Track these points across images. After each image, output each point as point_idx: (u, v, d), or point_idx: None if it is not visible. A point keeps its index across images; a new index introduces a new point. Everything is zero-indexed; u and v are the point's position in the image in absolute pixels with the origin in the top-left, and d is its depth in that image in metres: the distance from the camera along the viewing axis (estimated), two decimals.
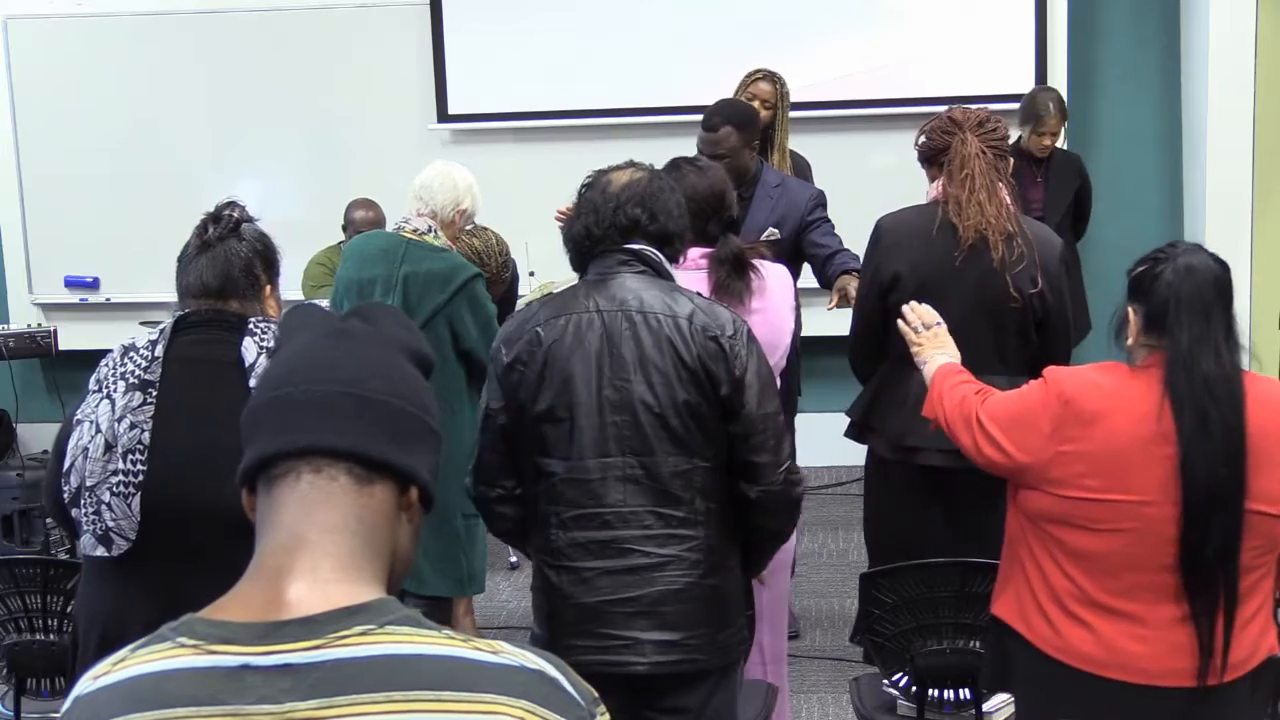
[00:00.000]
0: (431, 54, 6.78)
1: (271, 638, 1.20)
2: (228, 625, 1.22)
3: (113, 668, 1.26)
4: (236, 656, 1.19)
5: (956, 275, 3.41)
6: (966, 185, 3.39)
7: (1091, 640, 2.49)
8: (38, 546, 5.77)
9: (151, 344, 2.53)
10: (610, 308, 2.67)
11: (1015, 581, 2.63)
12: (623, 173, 2.79)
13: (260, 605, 1.23)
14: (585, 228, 2.75)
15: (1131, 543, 2.45)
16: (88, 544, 2.50)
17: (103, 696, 1.24)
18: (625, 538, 2.65)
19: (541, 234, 5.94)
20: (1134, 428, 2.45)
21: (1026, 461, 2.56)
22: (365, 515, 1.27)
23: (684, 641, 2.66)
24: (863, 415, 3.66)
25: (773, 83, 5.25)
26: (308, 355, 1.33)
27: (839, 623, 4.92)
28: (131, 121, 6.94)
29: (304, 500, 1.26)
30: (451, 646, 1.21)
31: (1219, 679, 2.45)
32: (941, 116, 3.52)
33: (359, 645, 1.19)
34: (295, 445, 1.27)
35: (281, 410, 1.29)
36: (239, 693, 1.18)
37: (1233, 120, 6.27)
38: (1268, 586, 2.55)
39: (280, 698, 1.18)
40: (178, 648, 1.22)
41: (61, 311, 7.09)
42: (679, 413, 2.63)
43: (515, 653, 1.23)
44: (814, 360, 6.01)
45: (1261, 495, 2.44)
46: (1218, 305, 2.48)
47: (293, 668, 1.18)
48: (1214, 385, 2.43)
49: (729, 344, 2.64)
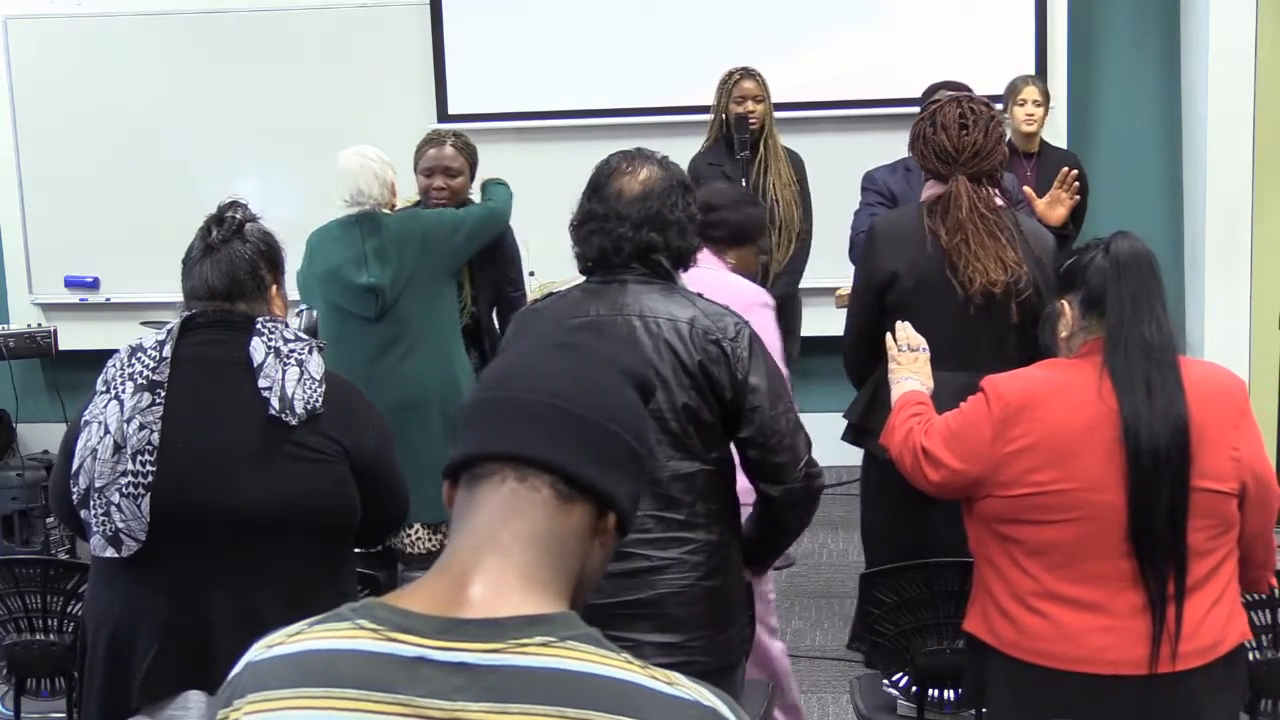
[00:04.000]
0: (431, 54, 6.78)
1: (451, 634, 1.20)
2: (409, 615, 1.22)
3: (288, 639, 1.25)
4: (414, 647, 1.19)
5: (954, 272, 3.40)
6: (960, 251, 3.38)
7: (1055, 633, 2.49)
8: (38, 546, 5.77)
9: (159, 344, 2.53)
10: (611, 312, 2.64)
11: (980, 596, 2.65)
12: (633, 179, 2.70)
13: (444, 599, 1.23)
14: (601, 251, 2.69)
15: (1085, 530, 2.47)
16: (97, 545, 2.50)
17: (274, 666, 1.24)
18: (626, 542, 2.64)
19: (542, 234, 5.94)
20: (1075, 411, 2.49)
21: (974, 471, 2.57)
22: (560, 530, 1.27)
23: (685, 644, 2.66)
24: (860, 418, 3.66)
25: (754, 78, 5.27)
26: (530, 363, 1.33)
27: (839, 623, 4.92)
28: (131, 121, 6.93)
29: (503, 505, 1.26)
30: (629, 671, 1.20)
31: (1173, 666, 2.45)
32: (939, 139, 3.44)
33: (538, 655, 1.18)
34: (504, 449, 1.27)
35: (495, 412, 1.29)
36: (411, 684, 1.18)
37: (1232, 121, 6.26)
38: (1230, 570, 2.55)
39: (452, 695, 1.17)
40: (357, 629, 1.22)
41: (61, 311, 7.08)
42: (678, 416, 2.63)
43: (691, 687, 1.22)
44: (812, 360, 6.01)
45: (1206, 473, 2.46)
46: (1153, 279, 2.54)
47: (469, 667, 1.18)
48: (1154, 350, 2.48)
49: (730, 347, 2.63)
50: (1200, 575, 2.48)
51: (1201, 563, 2.48)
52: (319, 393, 2.51)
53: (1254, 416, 2.58)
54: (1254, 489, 2.52)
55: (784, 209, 5.27)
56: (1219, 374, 2.63)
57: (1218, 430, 2.49)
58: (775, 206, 5.25)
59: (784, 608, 5.09)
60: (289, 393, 2.49)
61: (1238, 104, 6.26)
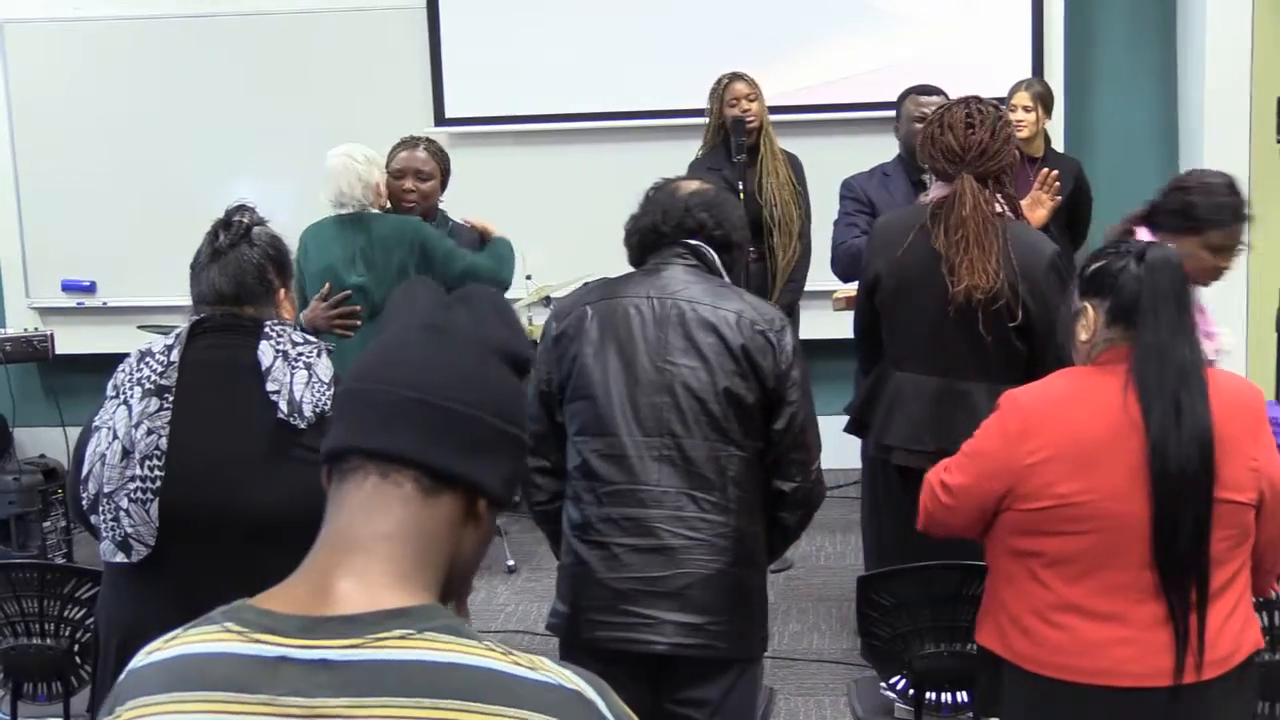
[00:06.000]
0: (429, 58, 6.78)
1: (313, 632, 1.21)
2: (273, 615, 1.24)
3: (165, 645, 1.28)
4: (277, 647, 1.21)
5: (932, 276, 3.39)
6: (960, 249, 3.36)
7: (1075, 646, 2.47)
8: (34, 551, 5.76)
9: (168, 349, 2.54)
10: (661, 295, 2.79)
11: (994, 610, 2.62)
12: (691, 182, 2.95)
13: (307, 599, 1.24)
14: (653, 223, 2.87)
15: (1106, 540, 2.44)
16: (107, 550, 2.50)
17: (150, 672, 1.27)
18: (656, 517, 2.72)
19: (539, 238, 5.95)
20: (1098, 420, 2.45)
21: (995, 488, 2.53)
22: (426, 524, 1.27)
23: (706, 626, 2.71)
24: (859, 411, 3.70)
25: (744, 80, 5.27)
26: (395, 350, 1.32)
27: (836, 626, 4.92)
28: (128, 126, 6.93)
29: (366, 502, 1.27)
30: (489, 658, 1.21)
31: (1197, 676, 2.44)
32: (945, 139, 3.43)
33: (397, 649, 1.19)
34: (364, 445, 1.28)
35: (360, 405, 1.30)
36: (274, 683, 1.20)
37: (1228, 122, 6.27)
38: (1245, 578, 2.54)
39: (313, 692, 1.19)
40: (224, 632, 1.24)
41: (58, 316, 7.08)
42: (719, 399, 2.72)
43: (555, 671, 1.22)
44: (813, 363, 5.99)
45: (1227, 484, 2.44)
46: (1187, 296, 2.49)
47: (329, 664, 1.19)
48: (1189, 373, 2.43)
49: (776, 338, 2.77)
50: (1219, 584, 2.46)
51: (1220, 571, 2.46)
52: (328, 396, 2.51)
53: (1269, 426, 2.56)
54: (1270, 498, 2.50)
55: (782, 209, 5.27)
56: (1239, 384, 2.60)
57: (1238, 442, 2.47)
58: (773, 208, 5.25)
59: (782, 611, 5.09)
60: (297, 396, 2.48)
61: (1234, 105, 6.27)
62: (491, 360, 1.34)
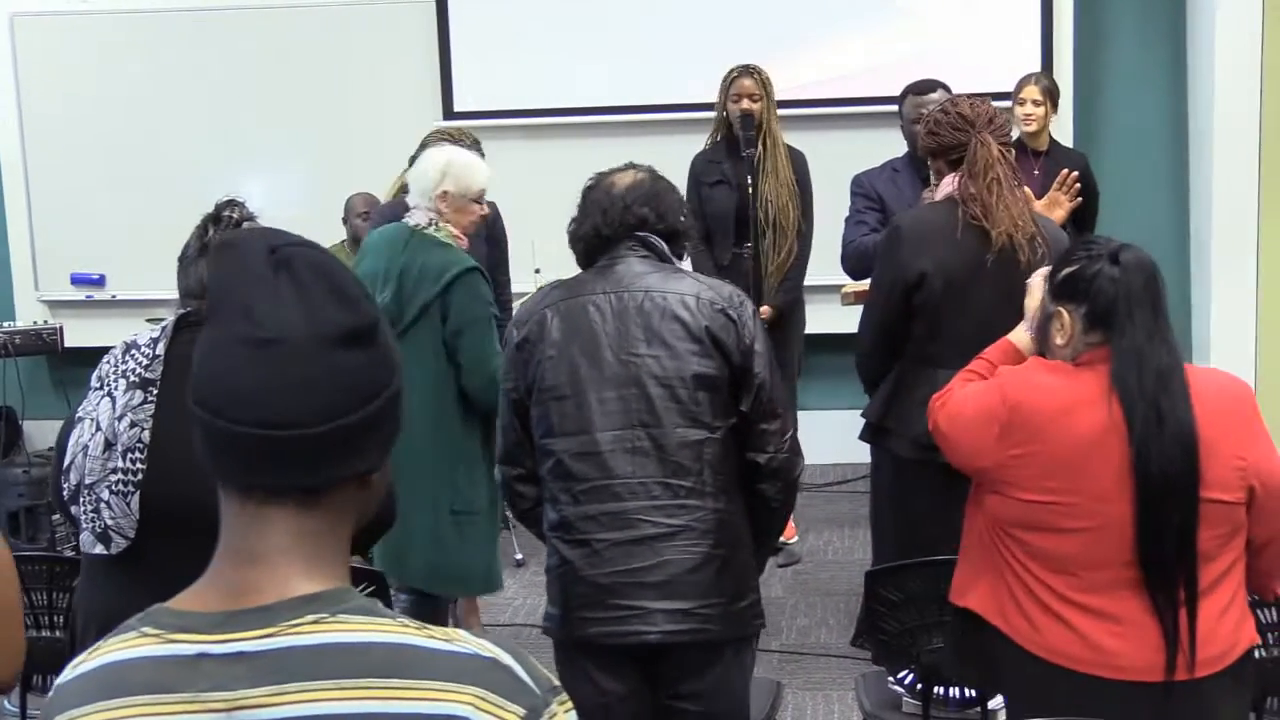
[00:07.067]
0: (437, 51, 6.79)
1: (227, 626, 1.22)
2: (188, 614, 1.24)
3: (89, 656, 1.28)
4: (194, 645, 1.22)
5: (983, 272, 3.40)
6: (994, 190, 3.39)
7: (1071, 638, 2.48)
8: (43, 543, 5.78)
9: (153, 342, 2.53)
10: (618, 289, 2.79)
11: (988, 576, 2.61)
12: (625, 174, 2.91)
13: (221, 596, 1.25)
14: (594, 227, 2.86)
15: (1091, 541, 2.45)
16: (87, 542, 2.50)
17: (76, 685, 1.27)
18: (634, 509, 2.73)
19: (548, 231, 5.93)
20: (1084, 425, 2.45)
21: (980, 464, 2.58)
22: (320, 524, 1.27)
23: (696, 610, 2.71)
24: (879, 417, 3.65)
25: (752, 76, 5.25)
26: (229, 377, 1.25)
27: (844, 620, 4.92)
28: (137, 118, 6.95)
29: (256, 522, 1.26)
30: (403, 634, 1.21)
31: (1190, 673, 2.44)
32: (949, 110, 3.51)
33: (311, 633, 1.20)
34: (238, 482, 1.27)
35: (218, 444, 1.26)
36: (194, 680, 1.20)
37: (1238, 120, 6.26)
38: (1239, 574, 2.53)
39: (233, 685, 1.19)
40: (141, 637, 1.25)
41: (67, 309, 7.10)
42: (687, 384, 2.73)
43: (470, 641, 1.23)
44: (818, 357, 6.01)
45: (1214, 484, 2.44)
46: (1161, 299, 2.49)
47: (246, 655, 1.20)
48: (1167, 378, 2.44)
49: (737, 314, 2.78)
50: (1209, 580, 2.46)
51: (1211, 567, 2.46)
52: None
53: (1263, 421, 2.55)
54: (1262, 493, 2.49)
55: (778, 210, 5.25)
56: (1225, 381, 2.59)
57: (1224, 441, 2.46)
58: (768, 206, 5.23)
59: (789, 605, 5.09)
60: None
61: (1243, 103, 6.26)
62: (333, 354, 1.25)
